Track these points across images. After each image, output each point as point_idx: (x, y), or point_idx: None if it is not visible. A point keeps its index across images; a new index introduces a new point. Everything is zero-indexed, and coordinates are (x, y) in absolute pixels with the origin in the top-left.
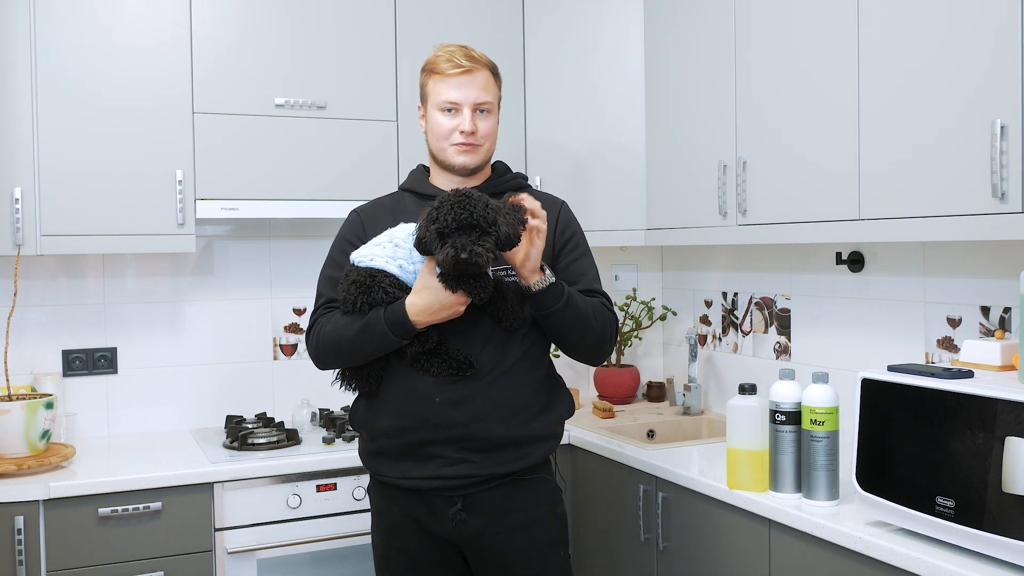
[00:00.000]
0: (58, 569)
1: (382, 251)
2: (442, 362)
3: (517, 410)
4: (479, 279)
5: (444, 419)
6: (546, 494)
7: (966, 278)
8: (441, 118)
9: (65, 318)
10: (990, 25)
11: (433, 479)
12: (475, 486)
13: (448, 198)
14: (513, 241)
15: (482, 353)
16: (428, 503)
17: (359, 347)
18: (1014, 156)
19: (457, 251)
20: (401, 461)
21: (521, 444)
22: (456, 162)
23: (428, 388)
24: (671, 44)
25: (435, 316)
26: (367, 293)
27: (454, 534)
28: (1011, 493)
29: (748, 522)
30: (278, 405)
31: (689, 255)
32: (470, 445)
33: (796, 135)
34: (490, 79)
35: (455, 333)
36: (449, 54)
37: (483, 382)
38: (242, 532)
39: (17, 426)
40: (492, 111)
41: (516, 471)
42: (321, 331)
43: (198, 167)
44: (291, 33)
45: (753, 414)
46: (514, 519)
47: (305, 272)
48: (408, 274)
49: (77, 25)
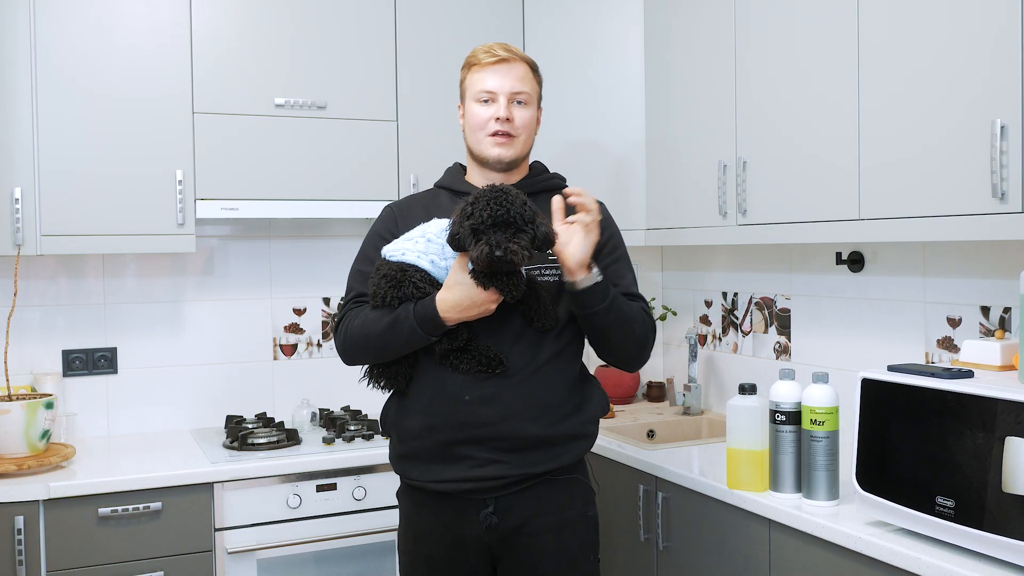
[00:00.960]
0: (58, 569)
1: (414, 246)
2: (471, 359)
3: (548, 408)
4: (512, 277)
5: (473, 417)
6: (579, 496)
7: (966, 278)
8: (478, 108)
9: (65, 318)
10: (990, 25)
11: (464, 481)
12: (507, 487)
13: (484, 193)
14: (551, 241)
15: (512, 351)
16: (458, 506)
17: (387, 342)
18: (1014, 156)
19: (492, 248)
20: (431, 464)
21: (554, 443)
22: (491, 154)
23: (457, 386)
24: (671, 44)
25: (465, 313)
26: (397, 288)
27: (484, 537)
28: (1011, 493)
29: (748, 522)
30: (278, 405)
31: (689, 255)
32: (500, 445)
33: (796, 135)
34: (528, 73)
35: (485, 330)
36: (488, 47)
37: (513, 380)
38: (242, 532)
39: (17, 426)
40: (529, 103)
41: (549, 471)
42: (350, 325)
43: (198, 167)
44: (291, 33)
45: (753, 414)
46: (545, 521)
47: (305, 272)
48: (440, 270)
49: (77, 25)
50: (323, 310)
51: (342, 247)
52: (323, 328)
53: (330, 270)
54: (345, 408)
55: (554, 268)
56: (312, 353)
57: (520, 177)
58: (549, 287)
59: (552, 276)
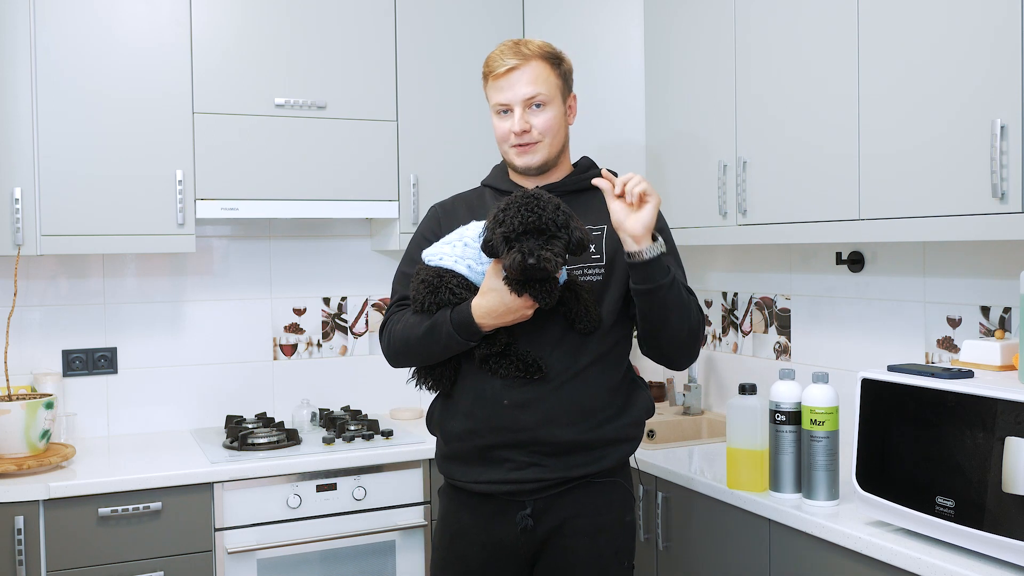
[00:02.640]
0: (58, 569)
1: (451, 250)
2: (510, 364)
3: (588, 414)
4: (546, 284)
5: (511, 422)
6: (618, 500)
7: (966, 278)
8: (498, 122)
9: (65, 318)
10: (990, 25)
11: (503, 483)
12: (546, 490)
13: (516, 200)
14: (585, 245)
15: (552, 356)
16: (497, 508)
17: (427, 348)
18: (1014, 156)
19: (524, 256)
20: (472, 465)
21: (594, 448)
22: (517, 164)
23: (496, 390)
24: (671, 44)
25: (500, 319)
26: (435, 293)
27: (520, 539)
28: (1011, 493)
29: (748, 522)
30: (278, 405)
31: (689, 255)
32: (539, 449)
33: (796, 135)
34: (542, 68)
35: (525, 335)
36: (499, 53)
37: (552, 385)
38: (242, 532)
39: (17, 426)
40: (549, 103)
41: (589, 474)
42: (392, 329)
43: (198, 167)
44: (291, 33)
45: (753, 414)
46: (580, 524)
47: (305, 272)
48: (477, 274)
49: (77, 25)
50: (323, 310)
51: (342, 247)
52: (323, 328)
53: (330, 270)
54: (345, 408)
55: (597, 268)
56: (312, 353)
57: (563, 175)
58: (592, 287)
59: (595, 276)
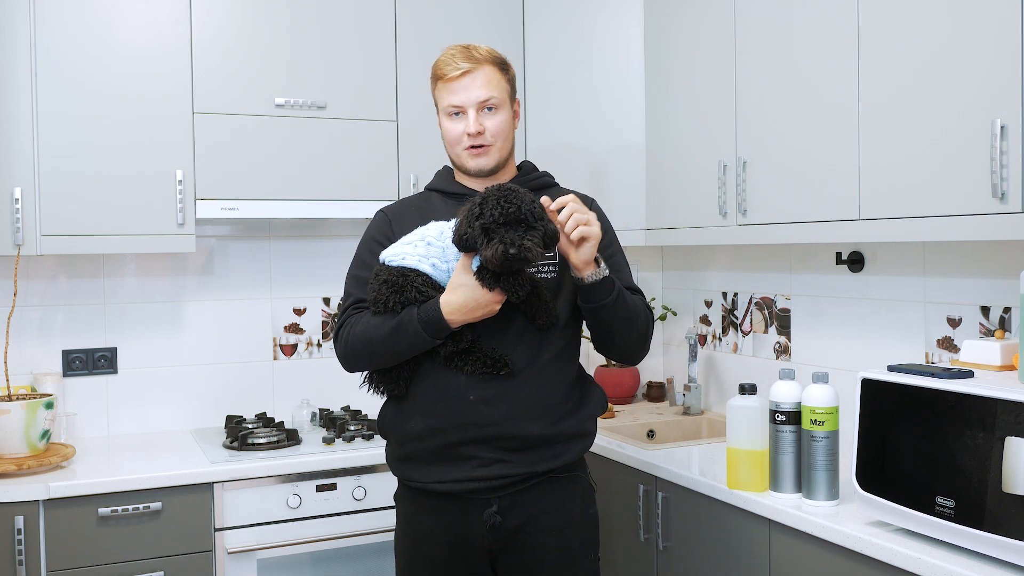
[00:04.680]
0: (58, 569)
1: (414, 250)
2: (476, 360)
3: (550, 408)
4: (517, 276)
5: (478, 418)
6: (581, 493)
7: (966, 278)
8: (449, 124)
9: (65, 318)
10: (990, 25)
11: (468, 481)
12: (512, 486)
13: (492, 193)
14: (557, 237)
15: (516, 351)
16: (462, 507)
17: (391, 347)
18: (1014, 156)
19: (506, 246)
20: (434, 465)
21: (556, 442)
22: (470, 166)
23: (461, 386)
24: (671, 44)
25: (470, 315)
26: (400, 292)
27: (487, 537)
28: (1011, 493)
29: (748, 522)
30: (278, 405)
31: (689, 255)
32: (505, 444)
33: (796, 135)
34: (493, 74)
35: (488, 331)
36: (449, 57)
37: (517, 380)
38: (242, 532)
39: (17, 426)
40: (500, 106)
41: (552, 469)
42: (351, 332)
43: (198, 167)
44: (291, 33)
45: (753, 414)
46: (547, 519)
47: (305, 272)
48: (441, 273)
49: (77, 25)
50: (323, 310)
51: (342, 247)
52: (323, 328)
53: (330, 270)
54: (345, 408)
55: (551, 265)
56: (312, 353)
57: (509, 178)
58: (548, 284)
59: (550, 273)
